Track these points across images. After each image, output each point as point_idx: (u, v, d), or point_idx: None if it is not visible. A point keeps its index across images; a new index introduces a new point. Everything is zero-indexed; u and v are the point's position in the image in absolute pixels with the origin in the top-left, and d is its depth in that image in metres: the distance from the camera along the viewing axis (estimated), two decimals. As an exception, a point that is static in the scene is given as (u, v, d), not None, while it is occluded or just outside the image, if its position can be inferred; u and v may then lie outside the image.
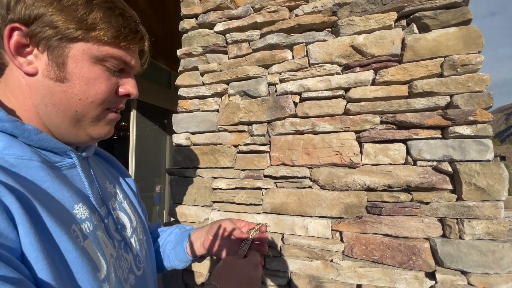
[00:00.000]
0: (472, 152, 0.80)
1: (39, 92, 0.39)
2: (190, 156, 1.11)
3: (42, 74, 0.38)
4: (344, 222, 0.91)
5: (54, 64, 0.38)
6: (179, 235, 0.66)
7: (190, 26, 1.15)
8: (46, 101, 0.39)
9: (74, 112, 0.41)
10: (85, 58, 0.39)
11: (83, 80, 0.40)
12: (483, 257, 0.75)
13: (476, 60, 0.80)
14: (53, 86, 0.39)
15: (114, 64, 0.42)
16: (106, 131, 0.46)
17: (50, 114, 0.40)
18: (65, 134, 0.42)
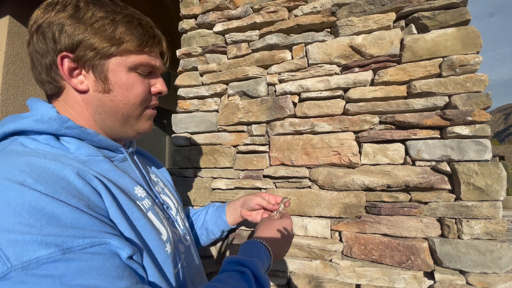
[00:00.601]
0: (470, 152, 0.80)
1: (93, 104, 0.47)
2: (189, 156, 1.12)
3: (93, 89, 0.46)
4: (343, 222, 0.92)
5: (100, 80, 0.46)
6: (215, 212, 0.80)
7: (190, 26, 1.15)
8: (99, 110, 0.48)
9: (122, 114, 0.49)
10: (121, 69, 0.47)
11: (123, 88, 0.47)
12: (481, 256, 0.75)
13: (475, 60, 0.81)
14: (103, 98, 0.47)
15: (143, 70, 0.49)
16: (149, 126, 0.55)
17: (104, 120, 0.49)
18: (118, 133, 0.52)
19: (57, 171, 0.38)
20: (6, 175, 0.34)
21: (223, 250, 1.02)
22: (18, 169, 0.35)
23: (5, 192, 0.33)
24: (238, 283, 0.47)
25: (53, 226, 0.32)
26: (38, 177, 0.35)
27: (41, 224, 0.32)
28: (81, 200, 0.37)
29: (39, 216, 0.32)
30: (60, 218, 0.33)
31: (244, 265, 0.50)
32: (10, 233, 0.30)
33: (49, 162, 0.38)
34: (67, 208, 0.34)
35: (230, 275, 0.49)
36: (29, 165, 0.36)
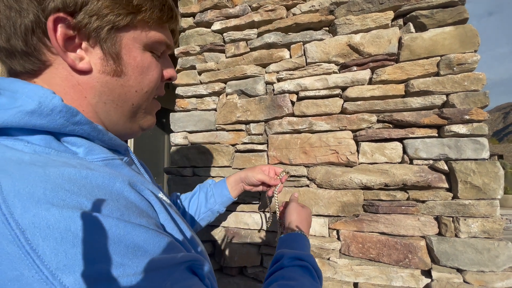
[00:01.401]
0: (468, 151, 0.80)
1: (96, 89, 0.35)
2: (188, 155, 1.11)
3: (98, 70, 0.35)
4: (341, 221, 0.92)
5: (110, 58, 0.35)
6: (215, 191, 0.79)
7: (188, 25, 1.15)
8: (104, 99, 0.36)
9: (131, 105, 0.39)
10: (136, 46, 0.37)
11: (138, 71, 0.38)
12: (478, 255, 0.76)
13: (472, 59, 0.81)
14: (111, 82, 0.36)
15: (158, 49, 0.40)
16: (153, 121, 0.46)
17: (109, 112, 0.38)
18: (121, 129, 0.41)
19: (108, 185, 0.30)
20: (48, 198, 0.24)
21: (222, 248, 1.03)
22: (59, 187, 0.26)
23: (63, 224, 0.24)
24: (306, 278, 0.50)
25: (141, 258, 0.26)
26: (93, 196, 0.27)
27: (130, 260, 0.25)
28: (148, 218, 0.31)
29: (123, 249, 0.25)
30: (143, 247, 0.27)
31: (304, 260, 0.53)
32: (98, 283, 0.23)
33: (88, 173, 0.29)
34: (146, 233, 0.28)
35: (294, 270, 0.51)
36: (69, 180, 0.27)
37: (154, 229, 0.30)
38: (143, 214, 0.31)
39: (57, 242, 0.23)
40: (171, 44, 0.42)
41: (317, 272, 0.53)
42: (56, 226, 0.23)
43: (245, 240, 1.00)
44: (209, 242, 1.05)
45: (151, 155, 2.93)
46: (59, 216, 0.24)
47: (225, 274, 1.03)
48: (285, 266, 0.53)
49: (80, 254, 0.23)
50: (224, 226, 1.05)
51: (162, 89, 0.45)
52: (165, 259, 0.28)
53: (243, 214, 1.03)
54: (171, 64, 0.45)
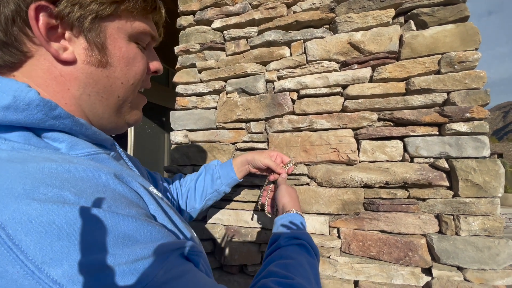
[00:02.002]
0: (468, 149, 0.80)
1: (80, 81, 0.34)
2: (188, 153, 1.11)
3: (82, 60, 0.34)
4: (342, 219, 0.92)
5: (95, 47, 0.34)
6: (221, 172, 0.80)
7: (188, 23, 1.15)
8: (89, 91, 0.35)
9: (117, 98, 0.38)
10: (121, 36, 0.36)
11: (124, 62, 0.37)
12: (479, 253, 0.76)
13: (473, 57, 0.81)
14: (96, 73, 0.35)
15: (143, 40, 0.40)
16: (140, 115, 0.45)
17: (94, 104, 0.37)
18: (106, 123, 0.40)
19: (93, 178, 0.29)
20: (29, 193, 0.23)
21: (222, 246, 1.03)
22: (39, 182, 0.25)
23: (46, 218, 0.23)
24: (303, 255, 0.51)
25: (132, 247, 0.26)
26: (76, 189, 0.26)
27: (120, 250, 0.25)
28: (138, 208, 0.31)
29: (112, 239, 0.25)
30: (133, 236, 0.27)
31: (301, 239, 0.54)
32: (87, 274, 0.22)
33: (71, 166, 0.28)
34: (135, 222, 0.27)
35: (291, 249, 0.52)
36: (50, 174, 0.26)
37: (144, 219, 0.29)
38: (132, 205, 0.30)
39: (41, 236, 0.22)
40: (156, 36, 0.42)
41: (313, 249, 0.55)
42: (39, 220, 0.22)
43: (245, 239, 1.00)
44: (210, 240, 1.05)
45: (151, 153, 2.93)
46: (41, 210, 0.23)
47: (225, 272, 1.03)
48: (282, 246, 0.53)
49: (67, 246, 0.22)
50: (225, 224, 1.05)
51: (148, 81, 0.44)
52: (157, 247, 0.27)
53: (244, 212, 1.03)
54: (157, 56, 0.44)
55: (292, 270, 0.46)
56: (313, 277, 0.48)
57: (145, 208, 0.33)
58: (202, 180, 0.80)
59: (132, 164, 0.47)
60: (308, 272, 0.48)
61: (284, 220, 0.62)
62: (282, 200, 0.70)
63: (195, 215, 0.81)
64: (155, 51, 0.46)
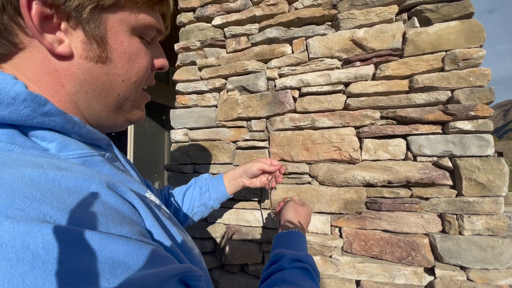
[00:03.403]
0: (472, 148, 0.79)
1: (77, 77, 0.32)
2: (188, 152, 1.10)
3: (79, 55, 0.31)
4: (344, 218, 0.91)
5: (94, 42, 0.31)
6: (211, 186, 0.78)
7: (188, 19, 1.13)
8: (85, 88, 0.32)
9: (117, 96, 0.35)
10: (124, 29, 0.33)
11: (125, 58, 0.34)
12: (482, 252, 0.75)
13: (478, 54, 0.79)
14: (94, 69, 0.32)
15: (149, 35, 0.37)
16: (143, 113, 0.42)
17: (91, 102, 0.34)
18: (104, 122, 0.37)
19: (82, 188, 0.25)
20: (1, 209, 0.20)
21: (223, 245, 1.02)
22: (16, 194, 0.21)
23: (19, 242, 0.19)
24: (307, 282, 0.49)
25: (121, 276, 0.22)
26: (60, 203, 0.22)
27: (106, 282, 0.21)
28: (131, 225, 0.27)
29: (98, 266, 0.21)
30: (124, 262, 0.23)
31: (304, 262, 0.53)
32: None
33: (56, 174, 0.24)
34: (127, 245, 0.24)
35: (295, 273, 0.51)
36: (31, 183, 0.22)
37: (137, 239, 0.26)
38: (125, 221, 0.26)
39: (11, 265, 0.18)
40: (162, 30, 0.39)
41: (316, 273, 0.53)
42: (11, 244, 0.18)
43: (246, 237, 0.99)
44: (210, 240, 1.04)
45: (151, 152, 2.92)
46: (14, 232, 0.19)
47: (226, 272, 1.03)
48: (285, 268, 0.51)
49: (42, 278, 0.18)
50: (225, 223, 1.04)
51: (152, 78, 0.42)
52: (152, 275, 0.24)
53: (244, 211, 1.02)
54: (162, 51, 0.41)
55: None
56: None
57: (140, 223, 0.30)
58: (191, 192, 0.77)
59: (129, 166, 0.44)
60: None
61: (286, 238, 0.60)
62: (286, 214, 0.68)
63: None
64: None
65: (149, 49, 0.38)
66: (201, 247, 1.03)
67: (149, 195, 0.37)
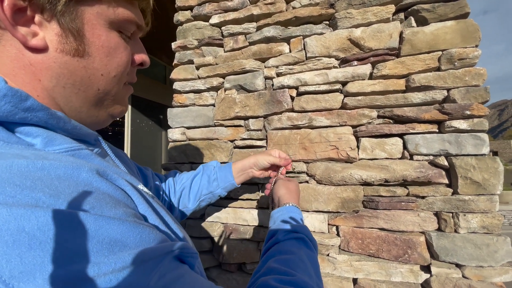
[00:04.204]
0: (468, 146, 0.80)
1: (53, 71, 0.31)
2: (185, 151, 1.10)
3: (55, 48, 0.30)
4: (341, 217, 0.91)
5: (70, 34, 0.31)
6: (219, 174, 0.78)
7: (185, 18, 1.13)
8: (63, 82, 0.32)
9: (96, 90, 0.35)
10: (101, 23, 0.33)
11: (104, 51, 0.33)
12: (477, 250, 0.76)
13: (473, 54, 0.80)
14: (71, 62, 0.32)
15: (128, 30, 0.36)
16: (125, 108, 0.42)
17: (70, 97, 0.33)
18: (86, 117, 0.37)
19: (72, 176, 0.26)
20: None
21: (220, 244, 1.02)
22: (6, 183, 0.22)
23: (13, 225, 0.20)
24: (302, 250, 0.50)
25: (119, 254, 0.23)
26: (52, 190, 0.23)
27: (105, 257, 0.22)
28: (125, 208, 0.28)
29: (96, 246, 0.22)
30: (121, 241, 0.24)
31: (299, 232, 0.54)
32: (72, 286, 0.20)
33: (45, 163, 0.25)
34: (123, 225, 0.25)
35: (290, 243, 0.52)
36: (20, 173, 0.23)
37: (132, 220, 0.26)
38: (119, 205, 0.27)
39: (8, 246, 0.19)
40: (142, 25, 0.39)
41: (312, 242, 0.54)
42: (5, 227, 0.19)
43: (244, 236, 0.99)
44: (208, 239, 1.04)
45: (148, 151, 2.91)
46: (7, 216, 0.20)
47: (223, 271, 1.03)
48: (280, 241, 0.52)
49: (40, 257, 0.19)
50: (223, 222, 1.04)
51: (133, 75, 0.41)
52: (148, 251, 0.25)
53: (242, 210, 1.02)
54: (143, 48, 0.41)
55: (292, 265, 0.45)
56: (314, 270, 0.47)
57: (134, 207, 0.31)
58: (199, 180, 0.78)
59: (119, 161, 0.43)
60: (308, 266, 0.47)
61: (280, 214, 0.61)
62: (278, 192, 0.69)
63: (188, 214, 0.80)
64: (146, 45, 0.43)
65: (129, 44, 0.37)
66: (198, 246, 1.03)
67: (141, 187, 0.38)
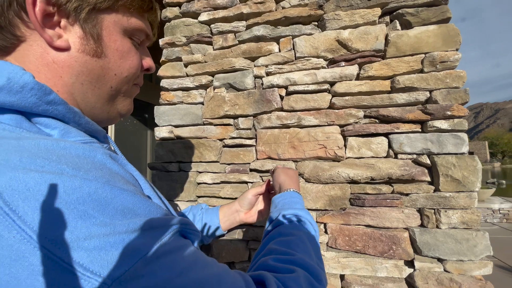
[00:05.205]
0: (449, 146, 0.83)
1: (74, 69, 0.35)
2: (173, 150, 1.08)
3: (77, 48, 0.35)
4: (328, 214, 0.93)
5: (90, 37, 0.35)
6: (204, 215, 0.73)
7: (173, 15, 1.11)
8: (82, 79, 0.36)
9: (110, 88, 0.39)
10: (117, 30, 0.37)
11: (118, 54, 0.38)
12: (458, 245, 0.79)
13: (454, 57, 0.84)
14: (90, 62, 0.36)
15: (138, 38, 0.41)
16: (131, 107, 0.46)
17: (87, 93, 0.37)
18: (99, 113, 0.40)
19: (89, 156, 0.29)
20: (25, 165, 0.24)
21: (209, 244, 1.01)
22: (35, 156, 0.25)
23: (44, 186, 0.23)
24: (303, 231, 0.51)
25: (131, 219, 0.26)
26: (74, 164, 0.26)
27: (119, 220, 0.25)
28: (135, 187, 0.31)
29: (111, 210, 0.25)
30: (133, 209, 0.27)
31: (300, 216, 0.55)
32: (87, 240, 0.23)
33: (66, 144, 0.28)
34: (134, 197, 0.28)
35: (292, 226, 0.52)
36: (46, 149, 0.26)
37: (141, 195, 0.30)
38: (129, 183, 0.30)
39: (39, 203, 0.22)
40: (150, 35, 0.43)
41: (313, 225, 0.55)
42: (37, 188, 0.23)
43: (233, 236, 0.99)
44: (196, 239, 1.03)
45: (133, 151, 2.83)
46: (39, 179, 0.23)
47: (212, 271, 1.02)
48: (281, 223, 0.53)
49: (66, 214, 0.23)
50: (211, 222, 1.03)
51: (141, 78, 0.45)
52: (156, 220, 0.28)
53: (231, 209, 1.01)
54: (150, 55, 0.46)
55: (292, 246, 0.46)
56: (314, 251, 0.48)
57: (140, 190, 0.34)
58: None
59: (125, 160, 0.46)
60: (308, 246, 0.47)
61: (281, 199, 0.61)
62: (278, 179, 0.68)
63: None
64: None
65: (138, 50, 0.42)
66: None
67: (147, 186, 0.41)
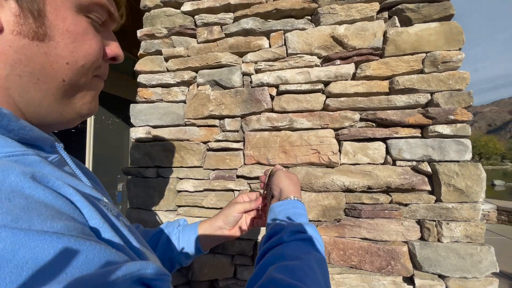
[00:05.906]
0: (451, 152, 0.77)
1: (8, 56, 0.26)
2: (151, 153, 0.97)
3: (11, 30, 0.26)
4: (322, 226, 0.85)
5: (29, 15, 0.26)
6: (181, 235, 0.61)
7: (153, 4, 1.00)
8: (19, 70, 0.27)
9: (61, 81, 0.29)
10: (67, 5, 0.28)
11: (69, 37, 0.29)
12: (461, 260, 0.73)
13: (457, 57, 0.78)
14: (30, 47, 0.27)
15: (99, 16, 0.32)
16: (95, 105, 0.36)
17: (27, 88, 0.28)
18: (47, 115, 0.31)
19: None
20: None
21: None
22: None
23: None
24: (311, 253, 0.43)
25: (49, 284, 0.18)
26: None
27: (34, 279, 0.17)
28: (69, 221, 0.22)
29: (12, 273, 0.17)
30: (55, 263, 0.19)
31: (306, 232, 0.46)
32: None
33: None
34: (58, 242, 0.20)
35: (296, 246, 0.44)
36: None
37: (76, 236, 0.21)
38: (61, 217, 0.22)
39: None
40: (114, 14, 0.34)
41: (320, 244, 0.47)
42: None
43: (216, 250, 0.89)
44: (175, 253, 0.92)
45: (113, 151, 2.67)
46: None
47: (193, 288, 0.92)
48: (285, 241, 0.45)
49: None
50: (193, 233, 0.93)
51: (105, 69, 0.35)
52: (96, 276, 0.20)
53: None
54: (116, 39, 0.35)
55: (300, 274, 0.37)
56: (324, 279, 0.40)
57: (83, 222, 0.25)
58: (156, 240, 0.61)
59: (82, 172, 0.35)
60: (318, 275, 0.39)
61: (283, 208, 0.52)
62: (279, 183, 0.57)
63: None
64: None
65: (100, 34, 0.33)
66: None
67: (106, 200, 0.32)
